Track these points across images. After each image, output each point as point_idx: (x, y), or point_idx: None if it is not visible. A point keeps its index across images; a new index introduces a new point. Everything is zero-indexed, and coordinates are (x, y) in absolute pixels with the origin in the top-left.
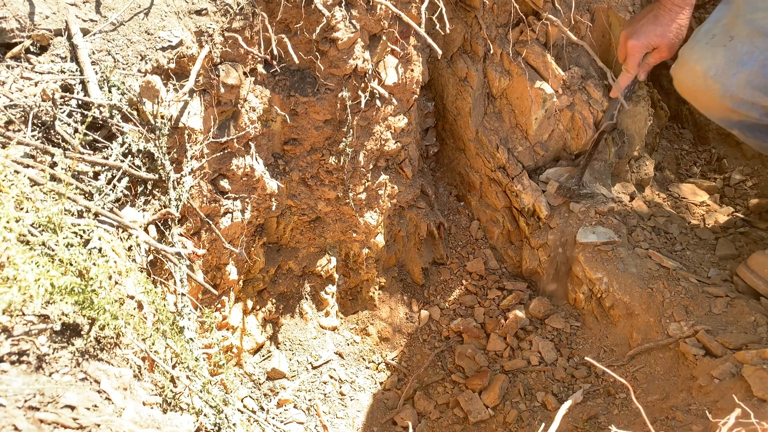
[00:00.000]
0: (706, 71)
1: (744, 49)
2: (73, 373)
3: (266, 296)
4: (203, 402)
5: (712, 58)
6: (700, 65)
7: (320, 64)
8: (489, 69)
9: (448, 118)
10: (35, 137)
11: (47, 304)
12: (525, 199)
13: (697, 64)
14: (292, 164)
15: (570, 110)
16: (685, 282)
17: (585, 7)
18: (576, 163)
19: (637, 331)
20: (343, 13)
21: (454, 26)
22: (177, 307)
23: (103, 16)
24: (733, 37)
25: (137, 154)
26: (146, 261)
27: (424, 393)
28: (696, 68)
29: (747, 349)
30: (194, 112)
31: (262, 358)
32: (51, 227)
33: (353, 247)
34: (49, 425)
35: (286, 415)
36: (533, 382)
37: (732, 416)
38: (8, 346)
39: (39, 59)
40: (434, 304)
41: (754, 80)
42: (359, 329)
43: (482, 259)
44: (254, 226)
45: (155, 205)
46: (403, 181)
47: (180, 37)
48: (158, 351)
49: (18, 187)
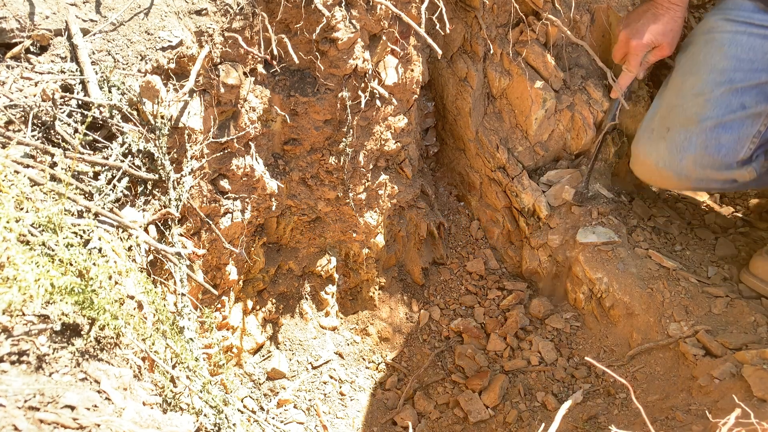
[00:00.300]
0: (656, 163)
1: (681, 138)
2: (73, 373)
3: (266, 296)
4: (203, 402)
5: (657, 152)
6: (648, 159)
7: (320, 64)
8: (489, 69)
9: (448, 118)
10: (35, 137)
11: (47, 304)
12: (525, 199)
13: (646, 158)
14: (292, 164)
15: (570, 110)
16: (685, 282)
17: (585, 7)
18: (576, 163)
19: (637, 331)
20: (343, 13)
21: (454, 26)
22: (177, 307)
23: (103, 16)
24: (669, 128)
25: (137, 154)
26: (146, 261)
27: (424, 393)
28: (647, 162)
29: (747, 349)
30: (194, 112)
31: (262, 358)
32: (51, 227)
33: (353, 247)
34: (49, 425)
35: (286, 415)
36: (533, 382)
37: (732, 416)
38: (8, 346)
39: (39, 59)
40: (434, 304)
41: (701, 161)
42: (359, 329)
43: (482, 259)
44: (254, 226)
45: (155, 205)
46: (403, 181)
47: (180, 37)
48: (158, 351)
49: (18, 187)
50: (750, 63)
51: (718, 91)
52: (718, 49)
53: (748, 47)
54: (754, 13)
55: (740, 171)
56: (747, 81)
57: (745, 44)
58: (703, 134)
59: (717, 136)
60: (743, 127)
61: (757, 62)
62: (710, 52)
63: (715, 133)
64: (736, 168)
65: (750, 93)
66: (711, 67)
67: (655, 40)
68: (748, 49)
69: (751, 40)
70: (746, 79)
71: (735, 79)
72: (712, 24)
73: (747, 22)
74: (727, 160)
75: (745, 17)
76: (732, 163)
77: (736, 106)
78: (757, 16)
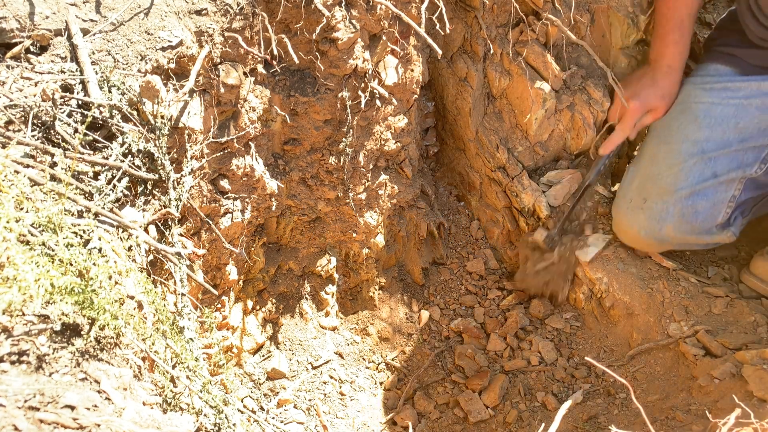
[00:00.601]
0: (638, 232)
1: (659, 208)
2: (73, 373)
3: (266, 296)
4: (203, 402)
5: (638, 222)
6: (630, 229)
7: (320, 64)
8: (489, 69)
9: (448, 118)
10: (35, 137)
11: (47, 304)
12: (525, 199)
13: (629, 228)
14: (292, 164)
15: (570, 110)
16: (685, 282)
17: (585, 7)
18: (576, 163)
19: (637, 331)
20: (343, 13)
21: (454, 26)
22: (177, 307)
23: (103, 16)
24: (646, 198)
25: (137, 154)
26: (146, 261)
27: (424, 393)
28: (629, 232)
29: (747, 349)
30: (194, 112)
31: (262, 358)
32: (51, 227)
33: (353, 247)
34: (49, 425)
35: (286, 415)
36: (533, 382)
37: (732, 416)
38: (8, 346)
39: (39, 59)
40: (434, 304)
41: (680, 227)
42: (359, 329)
43: (482, 259)
44: (254, 226)
45: (155, 205)
46: (403, 181)
47: (180, 37)
48: (158, 351)
49: (18, 187)
50: (722, 133)
51: (691, 161)
52: (692, 120)
53: (721, 118)
54: (732, 77)
55: (720, 235)
56: (718, 150)
57: (719, 115)
58: (679, 203)
59: (693, 204)
60: (717, 193)
61: (729, 131)
62: (684, 122)
63: (690, 201)
64: (716, 232)
65: (721, 161)
66: (684, 137)
67: (653, 104)
68: (721, 120)
69: (726, 111)
70: (718, 148)
71: (707, 149)
72: (689, 92)
73: (725, 88)
74: (706, 226)
75: (722, 85)
76: (711, 228)
77: (709, 175)
78: (733, 83)
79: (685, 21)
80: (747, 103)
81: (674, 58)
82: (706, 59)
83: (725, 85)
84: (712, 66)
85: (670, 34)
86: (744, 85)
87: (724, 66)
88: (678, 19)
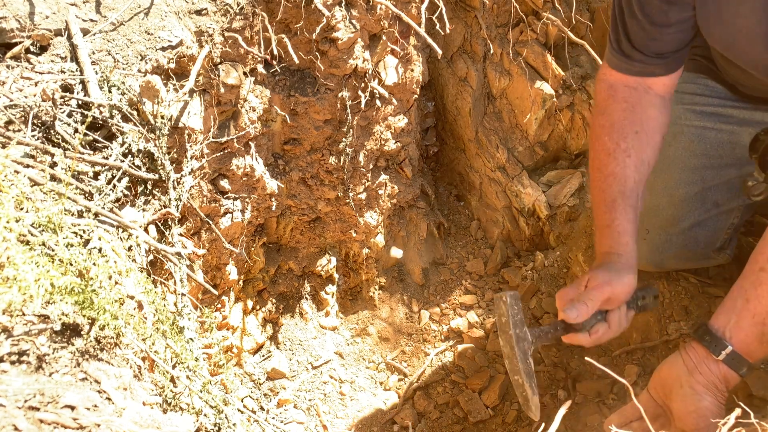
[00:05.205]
0: (639, 261)
1: (662, 239)
2: (73, 373)
3: (266, 296)
4: (203, 402)
5: (640, 252)
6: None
7: (320, 64)
8: (489, 69)
9: (448, 118)
10: (35, 137)
11: (47, 304)
12: (525, 199)
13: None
14: (292, 164)
15: (570, 110)
16: (685, 282)
17: (585, 6)
18: (576, 163)
19: (636, 330)
20: (343, 13)
21: (454, 26)
22: (177, 307)
23: (103, 16)
24: (648, 230)
25: (137, 154)
26: (146, 261)
27: (424, 393)
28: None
29: None
30: (194, 112)
31: (262, 358)
32: (51, 227)
33: (353, 247)
34: (49, 425)
35: (286, 415)
36: None
37: (732, 416)
38: (8, 346)
39: (39, 59)
40: (434, 304)
41: (681, 256)
42: (359, 329)
43: (482, 259)
44: (254, 226)
45: (155, 205)
46: (403, 181)
47: (180, 37)
48: (158, 351)
49: (18, 187)
50: (719, 159)
51: (692, 192)
52: (687, 145)
53: (717, 143)
54: (725, 100)
55: (716, 259)
56: (718, 179)
57: (714, 140)
58: (681, 235)
59: (694, 234)
60: (718, 222)
61: (726, 157)
62: (679, 148)
63: (692, 232)
64: (713, 256)
65: (721, 190)
66: (682, 166)
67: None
68: (717, 146)
69: (720, 137)
70: (717, 177)
71: (707, 178)
72: (679, 113)
73: (715, 114)
74: (705, 252)
75: (713, 109)
76: (709, 253)
77: (710, 205)
78: (724, 108)
79: (618, 201)
80: (741, 131)
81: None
82: (691, 67)
83: (716, 110)
84: (700, 80)
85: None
86: (736, 112)
87: (712, 81)
88: (610, 200)
